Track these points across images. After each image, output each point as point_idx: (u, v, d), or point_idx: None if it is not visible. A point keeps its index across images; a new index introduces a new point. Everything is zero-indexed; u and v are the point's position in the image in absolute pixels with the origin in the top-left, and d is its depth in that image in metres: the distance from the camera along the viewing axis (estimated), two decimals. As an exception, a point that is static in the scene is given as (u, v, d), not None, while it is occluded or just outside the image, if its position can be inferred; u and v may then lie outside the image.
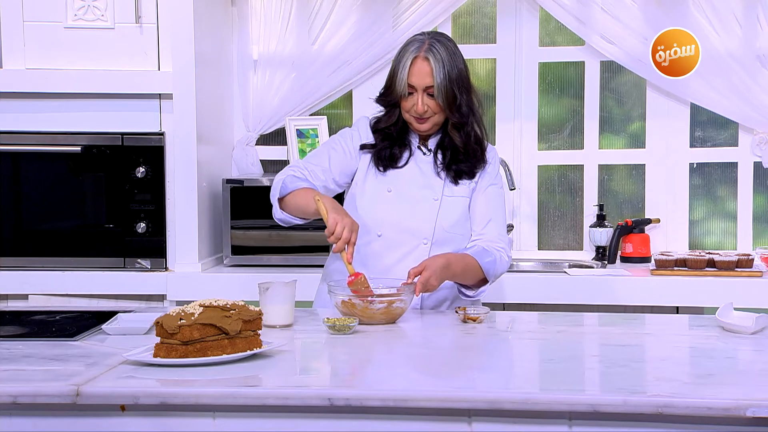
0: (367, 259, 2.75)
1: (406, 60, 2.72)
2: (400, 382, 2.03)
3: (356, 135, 2.85)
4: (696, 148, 4.18)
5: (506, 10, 4.21)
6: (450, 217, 2.78)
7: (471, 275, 2.73)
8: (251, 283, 2.78)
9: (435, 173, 2.81)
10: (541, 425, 1.87)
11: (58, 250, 3.75)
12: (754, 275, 3.66)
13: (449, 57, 2.72)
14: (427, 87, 2.71)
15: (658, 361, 2.23)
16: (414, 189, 2.79)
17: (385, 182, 2.80)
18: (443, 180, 2.80)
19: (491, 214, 2.82)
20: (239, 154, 4.19)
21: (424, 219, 2.77)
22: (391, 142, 2.80)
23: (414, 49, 2.72)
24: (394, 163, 2.80)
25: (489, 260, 2.75)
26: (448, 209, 2.78)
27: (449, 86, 2.71)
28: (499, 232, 2.83)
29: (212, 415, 1.92)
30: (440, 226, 2.77)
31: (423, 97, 2.71)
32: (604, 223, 4.08)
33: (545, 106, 4.27)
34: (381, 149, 2.80)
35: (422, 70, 2.71)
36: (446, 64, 2.71)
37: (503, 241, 2.83)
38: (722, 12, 3.97)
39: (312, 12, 4.17)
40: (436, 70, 2.70)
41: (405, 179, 2.79)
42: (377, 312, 2.51)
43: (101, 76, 3.70)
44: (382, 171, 2.80)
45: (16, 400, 1.91)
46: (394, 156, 2.80)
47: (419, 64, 2.71)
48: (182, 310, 2.11)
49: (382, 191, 2.79)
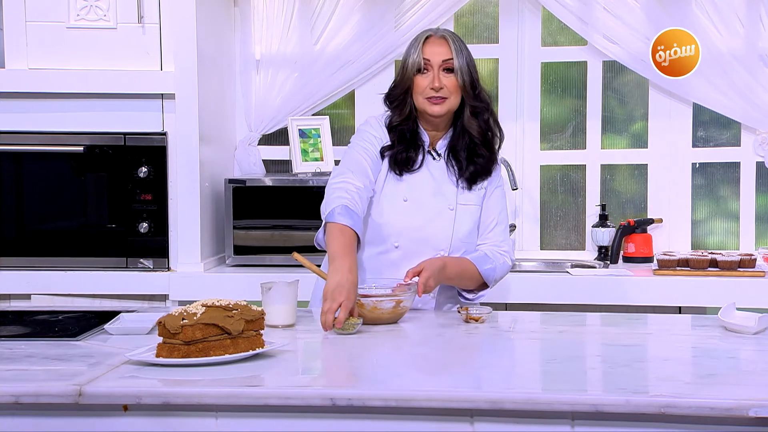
0: (383, 269, 2.74)
1: (419, 42, 2.70)
2: (402, 382, 2.03)
3: (376, 137, 2.78)
4: (698, 148, 4.18)
5: (508, 10, 4.21)
6: (464, 227, 2.77)
7: (468, 280, 2.74)
8: (253, 283, 2.78)
9: (449, 179, 2.78)
10: (544, 425, 1.87)
11: (61, 250, 3.75)
12: (757, 275, 3.66)
13: (463, 44, 2.72)
14: (444, 61, 2.67)
15: (661, 361, 2.23)
16: (428, 197, 2.75)
17: (401, 189, 2.75)
18: (456, 187, 2.78)
19: (497, 216, 2.82)
20: (241, 154, 4.19)
21: (441, 230, 2.75)
22: (407, 144, 2.76)
23: (426, 33, 2.71)
24: (410, 166, 2.76)
25: (489, 267, 2.75)
26: (463, 219, 2.77)
27: (468, 68, 2.69)
28: (504, 235, 2.83)
29: (214, 415, 1.92)
30: (456, 236, 2.75)
31: (439, 72, 2.68)
32: (606, 223, 4.08)
33: (547, 106, 4.27)
34: (397, 152, 2.76)
35: (439, 47, 2.68)
36: (463, 48, 2.70)
37: (507, 243, 2.83)
38: (725, 12, 3.97)
39: (314, 12, 4.18)
40: (453, 48, 2.68)
41: (419, 186, 2.76)
42: (385, 312, 2.51)
43: (104, 76, 3.70)
44: (399, 175, 2.76)
45: (18, 400, 1.91)
46: (411, 159, 2.76)
47: (434, 40, 2.69)
48: (185, 310, 2.11)
49: (399, 200, 2.75)
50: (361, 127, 2.84)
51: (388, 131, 2.79)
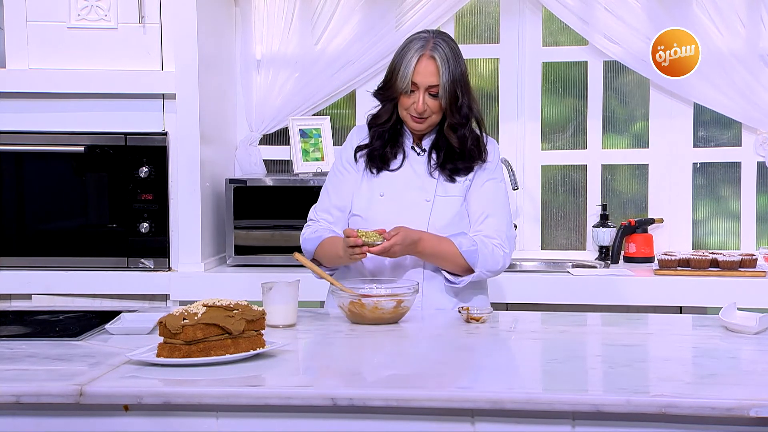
0: (366, 263, 2.74)
1: (411, 57, 2.69)
2: (402, 382, 2.03)
3: (351, 146, 2.84)
4: (699, 148, 4.18)
5: (509, 10, 4.21)
6: (443, 218, 2.75)
7: (447, 261, 2.71)
8: (254, 283, 2.78)
9: (428, 173, 2.79)
10: (544, 425, 1.87)
11: (62, 249, 3.75)
12: (758, 275, 3.66)
13: (453, 57, 2.70)
14: (430, 86, 2.69)
15: (661, 361, 2.23)
16: (406, 191, 2.77)
17: (378, 185, 2.78)
18: (436, 180, 2.78)
19: (489, 209, 2.77)
20: (242, 154, 4.19)
21: (416, 221, 2.72)
22: (384, 142, 2.79)
23: (419, 47, 2.69)
24: (386, 164, 2.79)
25: (471, 249, 2.70)
26: (441, 209, 2.76)
27: (452, 87, 2.69)
28: (497, 228, 2.76)
29: (215, 415, 1.92)
30: (433, 226, 2.73)
31: (424, 96, 2.69)
32: (607, 223, 4.08)
33: (548, 106, 4.27)
34: (373, 149, 2.79)
35: (427, 69, 2.68)
36: (451, 64, 2.69)
37: (501, 237, 2.75)
38: (725, 12, 3.97)
39: (315, 12, 4.18)
40: (442, 69, 2.68)
41: (398, 182, 2.78)
42: (386, 312, 2.51)
43: (104, 76, 3.70)
44: (375, 173, 2.78)
45: (19, 400, 1.91)
46: (386, 157, 2.79)
47: (425, 62, 2.69)
48: (185, 310, 2.11)
49: (375, 195, 2.78)
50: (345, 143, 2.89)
51: (369, 129, 2.82)
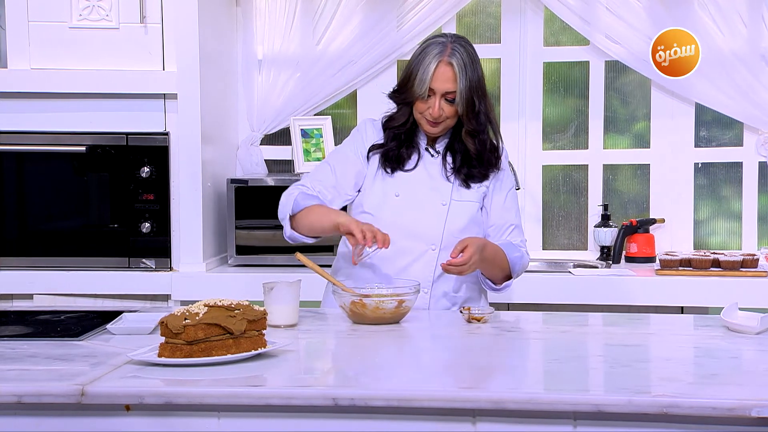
0: (374, 264, 2.74)
1: (429, 62, 2.67)
2: (404, 382, 2.03)
3: (363, 138, 2.83)
4: (701, 148, 4.18)
5: (511, 10, 4.21)
6: (458, 222, 2.76)
7: (497, 266, 2.75)
8: (256, 283, 2.77)
9: (444, 177, 2.79)
10: (546, 425, 1.87)
11: (63, 249, 3.75)
12: (759, 275, 3.66)
13: (471, 63, 2.70)
14: (447, 92, 2.68)
15: (663, 361, 2.23)
16: (422, 193, 2.77)
17: (393, 185, 2.78)
18: (452, 183, 2.78)
19: (515, 220, 2.85)
20: (244, 154, 4.19)
21: (432, 224, 2.75)
22: (399, 142, 2.79)
23: (437, 53, 2.68)
24: (401, 164, 2.78)
25: (517, 255, 2.78)
26: (457, 214, 2.77)
27: (470, 93, 2.69)
28: (521, 237, 2.87)
29: (217, 415, 1.92)
30: (448, 231, 2.75)
31: (440, 101, 2.69)
32: (608, 223, 4.08)
33: (550, 106, 4.26)
34: (388, 150, 2.79)
35: (445, 75, 2.67)
36: (468, 70, 2.68)
37: (524, 245, 2.87)
38: (727, 12, 3.97)
39: (316, 12, 4.18)
40: (459, 76, 2.67)
41: (413, 182, 2.77)
42: (388, 312, 2.51)
43: (106, 76, 3.70)
44: (390, 173, 2.78)
45: (20, 400, 1.91)
46: (402, 157, 2.78)
47: (443, 68, 2.67)
48: (187, 310, 2.11)
49: (390, 195, 2.77)
50: (354, 132, 2.88)
51: (384, 130, 2.81)
